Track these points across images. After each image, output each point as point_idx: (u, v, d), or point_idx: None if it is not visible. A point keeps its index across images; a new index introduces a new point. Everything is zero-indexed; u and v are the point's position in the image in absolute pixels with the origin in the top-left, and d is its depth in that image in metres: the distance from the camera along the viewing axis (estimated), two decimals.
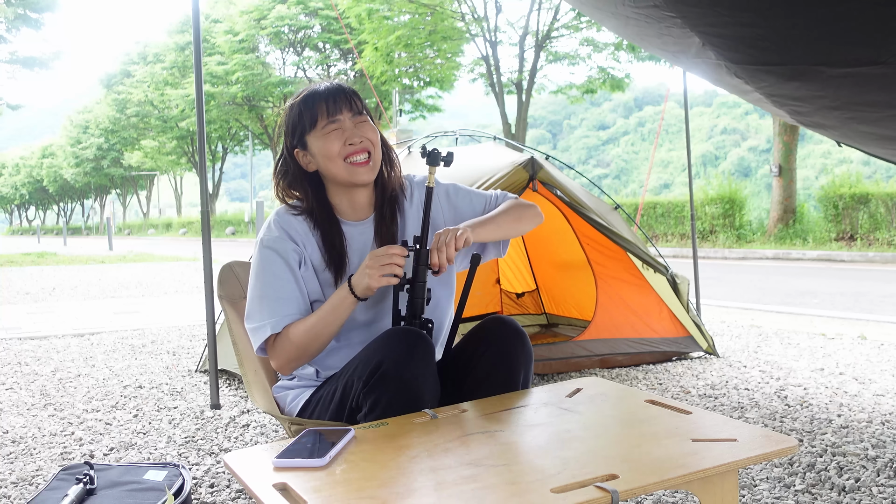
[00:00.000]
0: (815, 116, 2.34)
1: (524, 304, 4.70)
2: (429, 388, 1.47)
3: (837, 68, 1.83)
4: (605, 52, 17.80)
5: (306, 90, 1.70)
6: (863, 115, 2.14)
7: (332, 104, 1.66)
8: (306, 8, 27.07)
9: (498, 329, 1.62)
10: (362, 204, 1.73)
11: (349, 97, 1.68)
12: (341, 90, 1.68)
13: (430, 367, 1.47)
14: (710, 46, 1.91)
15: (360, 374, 1.48)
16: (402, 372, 1.43)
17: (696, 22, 1.80)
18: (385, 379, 1.43)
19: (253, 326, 1.64)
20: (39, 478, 2.25)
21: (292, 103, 1.71)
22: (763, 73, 2.01)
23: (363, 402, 1.47)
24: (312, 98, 1.67)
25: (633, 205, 15.13)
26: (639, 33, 2.14)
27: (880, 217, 12.27)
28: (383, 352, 1.46)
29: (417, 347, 1.46)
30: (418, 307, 1.58)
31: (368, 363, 1.47)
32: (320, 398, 1.62)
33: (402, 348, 1.45)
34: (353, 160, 1.65)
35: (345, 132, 1.65)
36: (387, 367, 1.43)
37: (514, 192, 3.40)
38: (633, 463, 1.13)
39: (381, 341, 1.49)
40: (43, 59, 21.38)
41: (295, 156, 1.71)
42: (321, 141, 1.65)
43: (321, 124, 1.65)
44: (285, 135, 1.73)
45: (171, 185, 51.60)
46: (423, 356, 1.46)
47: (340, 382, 1.56)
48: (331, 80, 1.73)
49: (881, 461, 2.24)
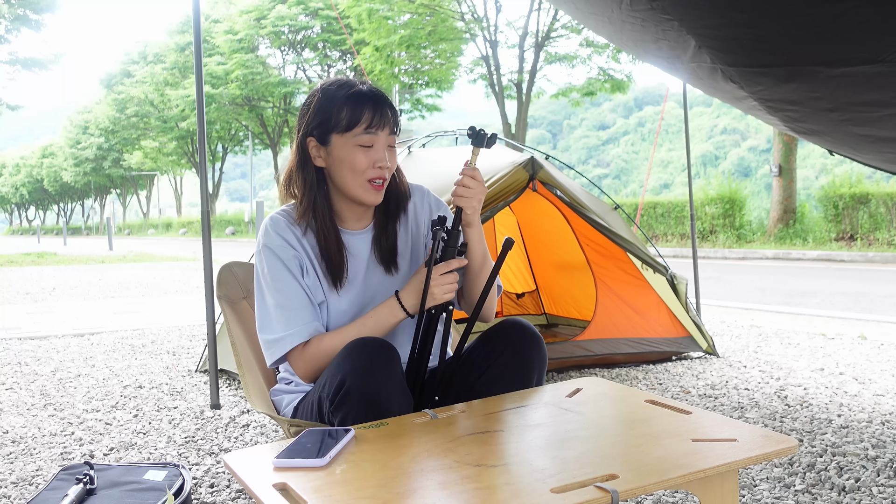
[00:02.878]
0: (809, 122, 2.34)
1: (524, 305, 4.70)
2: (395, 399, 1.43)
3: (836, 68, 1.83)
4: (604, 53, 17.80)
5: (351, 86, 1.58)
6: (860, 115, 2.14)
7: (378, 117, 1.56)
8: (306, 8, 27.07)
9: (514, 331, 1.60)
10: (361, 213, 1.68)
11: (393, 114, 1.59)
12: (389, 105, 1.59)
13: (393, 378, 1.43)
14: (706, 49, 1.91)
15: (328, 392, 1.46)
16: (364, 388, 1.40)
17: (694, 24, 1.80)
18: (349, 396, 1.41)
19: (272, 338, 1.57)
20: (39, 478, 2.25)
21: (331, 93, 1.58)
22: (759, 76, 2.01)
23: (333, 420, 1.46)
24: (359, 99, 1.56)
25: (633, 205, 15.13)
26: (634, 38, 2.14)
27: (880, 217, 12.27)
28: (345, 368, 1.42)
29: (378, 360, 1.42)
30: None
31: (333, 380, 1.44)
32: (304, 407, 1.62)
33: (363, 363, 1.41)
34: (375, 183, 1.59)
35: (377, 152, 1.57)
36: (349, 384, 1.40)
37: (514, 193, 3.41)
38: (633, 463, 1.13)
39: (343, 356, 1.45)
40: (43, 60, 21.38)
41: (307, 143, 1.61)
42: (349, 150, 1.56)
43: (356, 132, 1.55)
44: (306, 119, 1.60)
45: (171, 185, 51.60)
46: (384, 368, 1.42)
47: (315, 397, 1.55)
48: (370, 84, 1.61)
49: (881, 461, 2.24)
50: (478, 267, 1.65)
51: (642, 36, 2.04)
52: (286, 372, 1.75)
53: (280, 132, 32.26)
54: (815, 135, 2.53)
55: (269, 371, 1.90)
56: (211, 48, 29.79)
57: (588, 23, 2.37)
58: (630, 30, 2.02)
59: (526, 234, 4.61)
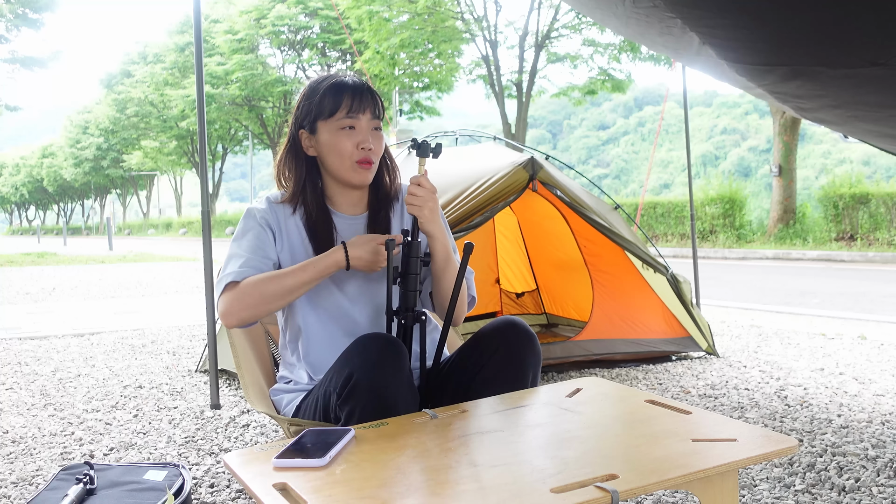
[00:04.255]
0: (818, 112, 2.35)
1: (524, 304, 4.70)
2: (402, 394, 1.44)
3: (837, 69, 1.83)
4: (605, 53, 17.80)
5: (334, 77, 1.68)
6: (864, 114, 2.14)
7: (357, 101, 1.64)
8: (306, 8, 27.06)
9: (508, 331, 1.60)
10: (356, 200, 1.74)
11: (374, 99, 1.67)
12: (369, 90, 1.67)
13: (401, 373, 1.45)
14: (709, 46, 1.91)
15: (335, 385, 1.47)
16: (372, 381, 1.41)
17: (696, 23, 1.80)
18: (357, 389, 1.42)
19: (216, 282, 1.64)
20: (39, 478, 2.25)
21: (315, 85, 1.68)
22: (764, 72, 2.01)
23: (340, 413, 1.46)
24: (339, 87, 1.65)
25: (633, 205, 15.13)
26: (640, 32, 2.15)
27: (880, 217, 12.27)
28: (354, 361, 1.45)
29: (387, 354, 1.44)
30: (411, 299, 1.59)
31: (341, 374, 1.46)
32: (308, 405, 1.62)
33: (372, 356, 1.43)
34: (362, 164, 1.66)
35: (360, 133, 1.65)
36: (358, 376, 1.42)
37: (515, 193, 3.41)
38: (633, 463, 1.13)
39: (351, 350, 1.48)
40: (42, 60, 21.38)
41: (299, 135, 1.70)
42: (333, 135, 1.65)
43: (339, 116, 1.64)
44: (297, 113, 1.71)
45: (171, 185, 51.59)
46: (393, 362, 1.44)
47: (321, 392, 1.55)
48: (357, 76, 1.70)
49: (881, 461, 2.24)
50: (440, 271, 1.67)
51: (647, 30, 2.04)
52: (286, 371, 1.75)
53: (280, 132, 32.25)
54: (827, 123, 2.53)
55: (269, 371, 1.90)
56: (211, 48, 29.78)
57: (594, 15, 2.37)
58: (635, 24, 2.02)
59: (526, 234, 4.61)
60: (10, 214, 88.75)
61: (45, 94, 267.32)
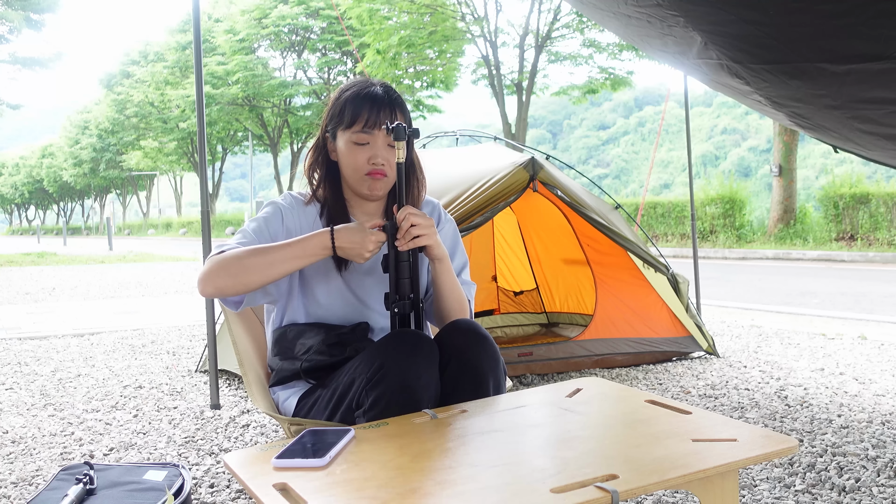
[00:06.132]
0: (814, 118, 2.34)
1: (522, 303, 4.69)
2: (429, 389, 1.47)
3: (841, 65, 1.83)
4: (605, 52, 17.79)
5: (359, 86, 1.68)
6: (865, 113, 2.14)
7: (374, 116, 1.63)
8: (308, 8, 27.05)
9: (455, 338, 1.56)
10: (372, 210, 1.75)
11: (395, 116, 1.65)
12: (391, 104, 1.65)
13: (431, 369, 1.47)
14: (712, 46, 1.91)
15: (364, 371, 1.48)
16: (404, 372, 1.43)
17: (699, 21, 1.80)
18: (387, 377, 1.43)
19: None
20: (39, 478, 2.25)
21: (342, 92, 1.69)
22: (765, 73, 2.01)
23: (364, 399, 1.46)
24: (360, 99, 1.65)
25: (634, 205, 15.13)
26: (640, 34, 2.14)
27: (880, 217, 12.27)
28: (387, 352, 1.47)
29: (421, 349, 1.47)
30: (404, 287, 1.56)
31: (371, 362, 1.47)
32: (317, 398, 1.61)
33: (406, 349, 1.46)
34: (373, 175, 1.65)
35: (373, 149, 1.64)
36: (389, 365, 1.44)
37: (515, 193, 3.41)
38: (633, 463, 1.13)
39: (385, 342, 1.50)
40: (43, 60, 21.38)
41: (325, 138, 1.73)
42: (348, 147, 1.66)
43: (355, 129, 1.64)
44: (326, 116, 1.72)
45: (170, 185, 51.57)
46: (425, 357, 1.46)
47: (342, 381, 1.55)
48: (385, 87, 1.68)
49: (881, 461, 2.24)
50: (447, 292, 1.67)
51: (648, 32, 2.04)
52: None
53: (280, 133, 32.24)
54: (820, 131, 2.53)
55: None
56: (212, 48, 29.76)
57: (594, 16, 2.37)
58: (636, 25, 2.02)
59: (526, 233, 4.61)
60: (10, 214, 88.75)
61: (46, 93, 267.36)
